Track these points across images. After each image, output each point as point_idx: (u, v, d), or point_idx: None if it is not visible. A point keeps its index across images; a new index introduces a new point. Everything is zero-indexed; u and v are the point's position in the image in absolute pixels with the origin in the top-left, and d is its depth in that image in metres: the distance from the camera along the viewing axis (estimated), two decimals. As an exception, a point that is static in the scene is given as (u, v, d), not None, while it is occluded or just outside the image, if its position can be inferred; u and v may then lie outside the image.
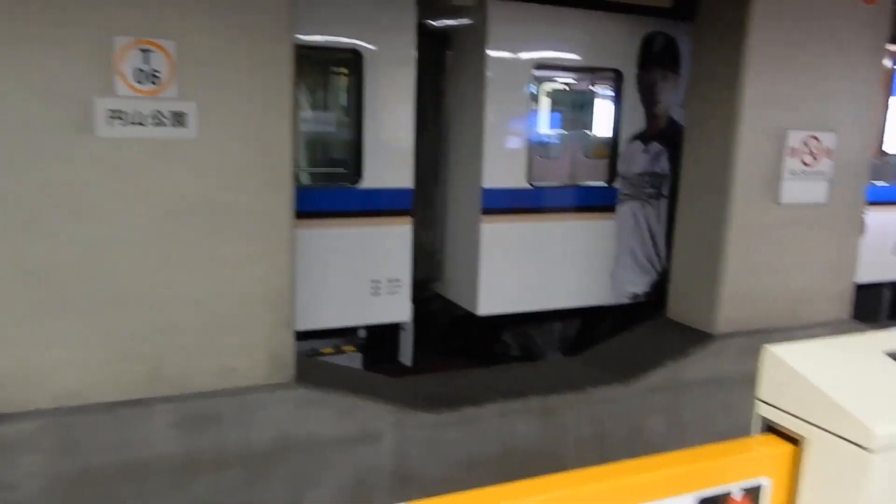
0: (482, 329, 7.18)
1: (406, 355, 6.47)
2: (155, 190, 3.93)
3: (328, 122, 6.48)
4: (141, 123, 3.87)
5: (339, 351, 6.13)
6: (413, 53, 5.89)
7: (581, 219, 6.79)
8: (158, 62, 3.85)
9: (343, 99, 6.29)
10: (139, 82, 3.83)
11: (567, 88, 7.56)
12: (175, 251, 4.01)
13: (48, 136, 3.67)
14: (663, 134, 6.87)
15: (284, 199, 4.22)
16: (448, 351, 7.47)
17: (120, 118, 3.82)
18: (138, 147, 3.87)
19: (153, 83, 3.86)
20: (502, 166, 6.32)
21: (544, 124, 7.57)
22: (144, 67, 3.84)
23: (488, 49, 6.12)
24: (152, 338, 4.02)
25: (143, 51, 3.82)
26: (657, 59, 6.73)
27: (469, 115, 6.39)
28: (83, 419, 3.90)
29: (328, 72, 6.55)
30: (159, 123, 3.91)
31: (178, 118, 3.94)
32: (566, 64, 6.69)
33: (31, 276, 3.77)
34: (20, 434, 3.78)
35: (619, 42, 6.62)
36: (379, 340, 6.43)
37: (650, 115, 6.81)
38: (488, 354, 7.33)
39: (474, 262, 6.40)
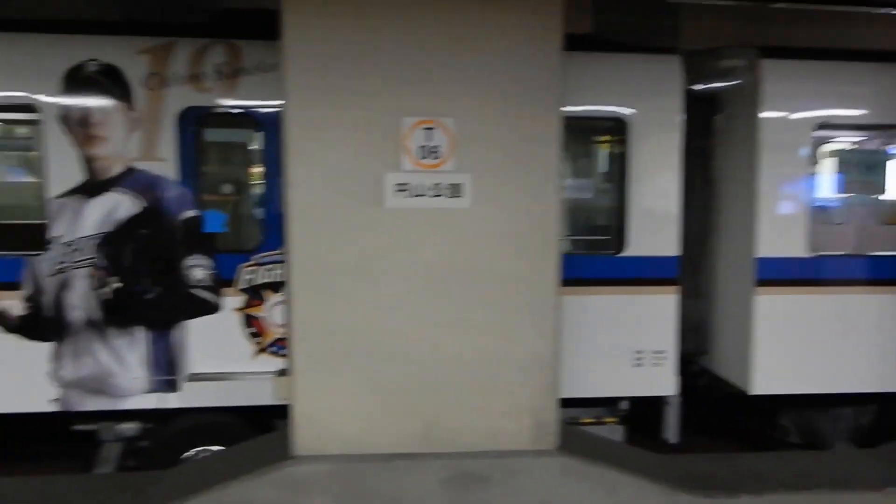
0: (756, 410, 6.59)
1: (671, 431, 6.13)
2: (431, 256, 4.22)
3: (590, 190, 6.53)
4: (422, 195, 4.21)
5: (600, 422, 5.99)
6: (679, 118, 5.77)
7: (874, 292, 6.04)
8: (439, 138, 4.19)
9: (605, 165, 6.32)
10: (422, 157, 4.19)
11: (853, 148, 6.87)
12: (446, 314, 4.24)
13: (347, 208, 4.13)
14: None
15: (551, 267, 4.29)
16: (717, 430, 6.95)
17: (405, 190, 4.20)
18: (418, 216, 4.20)
19: (434, 157, 4.20)
20: (779, 234, 5.88)
21: (826, 188, 6.93)
22: (427, 144, 4.20)
23: (762, 111, 5.80)
24: (426, 395, 4.26)
25: (427, 129, 4.19)
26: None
27: (740, 180, 6.06)
28: (365, 467, 4.21)
29: (590, 140, 6.64)
30: (438, 194, 4.22)
31: (455, 189, 4.23)
32: (852, 122, 6.11)
33: (323, 333, 4.21)
34: (313, 476, 4.17)
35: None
36: (642, 414, 6.18)
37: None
38: (762, 438, 6.69)
39: (747, 337, 5.95)
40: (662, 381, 5.91)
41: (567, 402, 5.62)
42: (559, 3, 4.13)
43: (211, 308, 5.30)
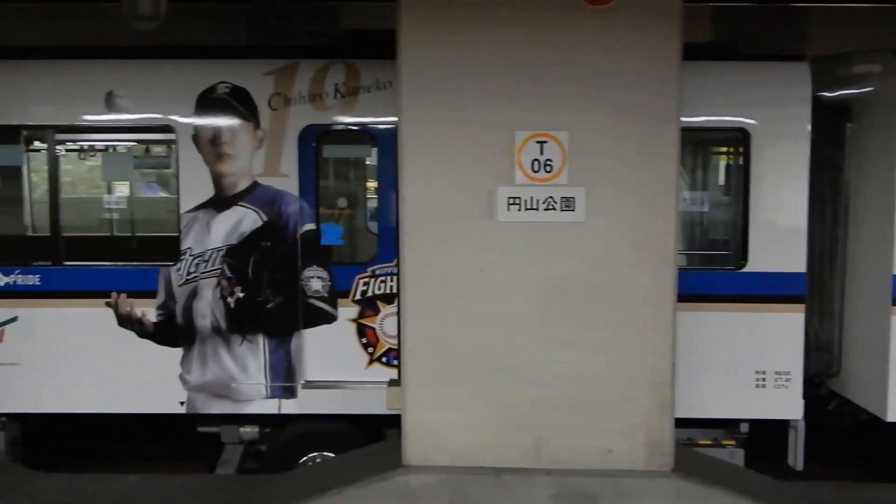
0: (892, 437, 6.12)
1: (795, 458, 5.78)
2: (543, 270, 4.19)
3: (708, 203, 6.30)
4: (534, 208, 4.19)
5: (718, 444, 5.73)
6: (807, 128, 5.48)
7: None
8: (552, 152, 4.16)
9: (724, 178, 6.08)
10: (535, 171, 4.18)
11: None
12: (559, 329, 4.20)
13: (461, 222, 4.19)
14: None
15: (668, 282, 4.17)
16: (846, 458, 6.51)
17: (517, 204, 4.20)
18: (531, 230, 4.19)
19: (547, 171, 4.18)
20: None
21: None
22: (540, 157, 4.18)
23: (903, 118, 5.41)
24: (536, 411, 4.22)
25: (539, 142, 4.17)
26: None
27: (876, 193, 5.67)
28: (473, 479, 4.22)
29: (709, 151, 6.41)
30: (550, 208, 4.19)
31: (567, 203, 4.18)
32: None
33: (435, 345, 4.26)
34: (423, 486, 4.22)
35: None
36: (764, 438, 5.86)
37: None
38: (898, 469, 6.21)
39: (883, 360, 5.53)
40: (786, 403, 5.59)
41: (683, 423, 5.43)
42: (678, 13, 4.04)
43: (327, 318, 5.48)
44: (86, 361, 5.50)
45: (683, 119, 5.14)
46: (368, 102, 5.36)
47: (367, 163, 6.75)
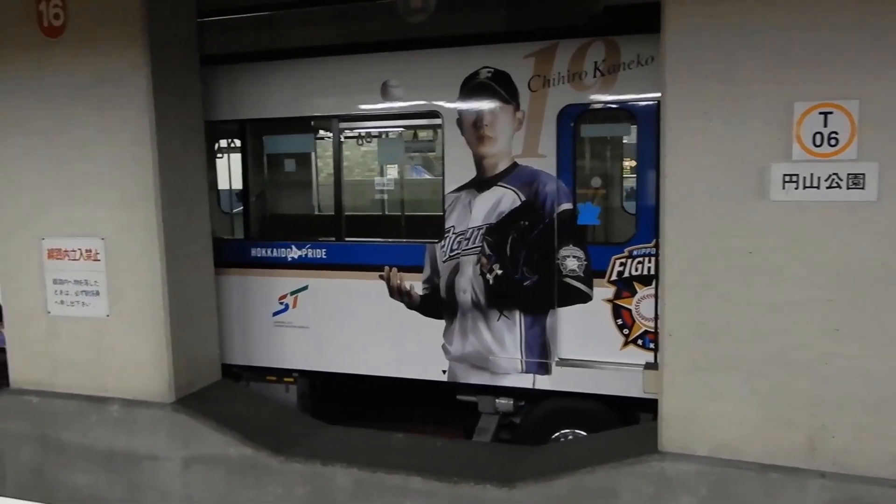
0: None
1: None
2: (826, 254, 3.82)
3: None
4: (814, 186, 3.83)
5: None
6: None
7: None
8: (838, 124, 3.76)
9: None
10: (816, 145, 3.81)
11: None
12: (847, 320, 3.80)
13: (728, 202, 3.95)
14: None
15: (982, 271, 3.59)
16: None
17: (793, 181, 3.86)
18: (810, 210, 3.83)
19: (831, 145, 3.79)
20: None
21: None
22: (823, 130, 3.80)
23: None
24: (811, 407, 3.88)
25: (823, 114, 3.79)
26: None
27: None
28: (735, 474, 4.00)
29: None
30: (833, 186, 3.81)
31: (856, 180, 3.76)
32: None
33: (696, 330, 4.08)
34: (680, 474, 4.09)
35: None
36: None
37: None
38: None
39: None
40: None
41: None
42: None
43: (582, 297, 5.50)
44: (362, 328, 6.10)
45: None
46: (629, 79, 5.25)
47: (625, 141, 6.62)
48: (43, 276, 5.54)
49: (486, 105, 5.57)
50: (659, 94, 4.42)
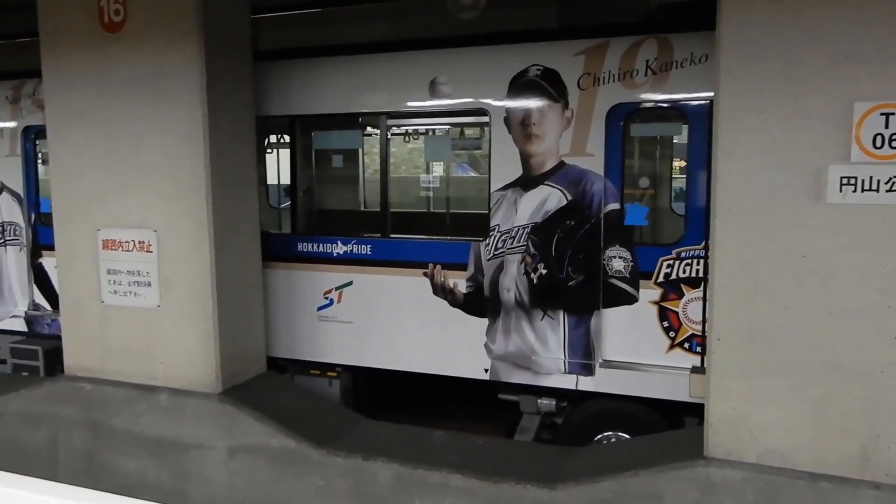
0: None
1: None
2: (883, 259, 3.70)
3: None
4: (873, 189, 3.72)
5: None
6: None
7: None
8: (900, 125, 3.65)
9: None
10: (877, 147, 3.70)
11: None
12: (900, 327, 3.69)
13: (782, 204, 3.86)
14: None
15: None
16: None
17: (851, 184, 3.76)
18: (870, 214, 3.72)
19: (893, 147, 3.67)
20: None
21: None
22: (884, 132, 3.69)
23: None
24: (866, 416, 3.77)
25: (884, 115, 3.68)
26: None
27: None
28: (784, 482, 3.91)
29: None
30: (893, 189, 3.69)
31: (919, 184, 3.64)
32: None
33: (746, 335, 4.00)
34: (726, 480, 4.01)
35: None
36: None
37: None
38: None
39: None
40: None
41: None
42: None
43: (628, 299, 5.43)
44: (405, 325, 6.12)
45: None
46: (681, 78, 5.15)
47: (675, 141, 6.52)
48: (98, 265, 5.69)
49: (534, 103, 5.53)
50: (712, 94, 4.33)
